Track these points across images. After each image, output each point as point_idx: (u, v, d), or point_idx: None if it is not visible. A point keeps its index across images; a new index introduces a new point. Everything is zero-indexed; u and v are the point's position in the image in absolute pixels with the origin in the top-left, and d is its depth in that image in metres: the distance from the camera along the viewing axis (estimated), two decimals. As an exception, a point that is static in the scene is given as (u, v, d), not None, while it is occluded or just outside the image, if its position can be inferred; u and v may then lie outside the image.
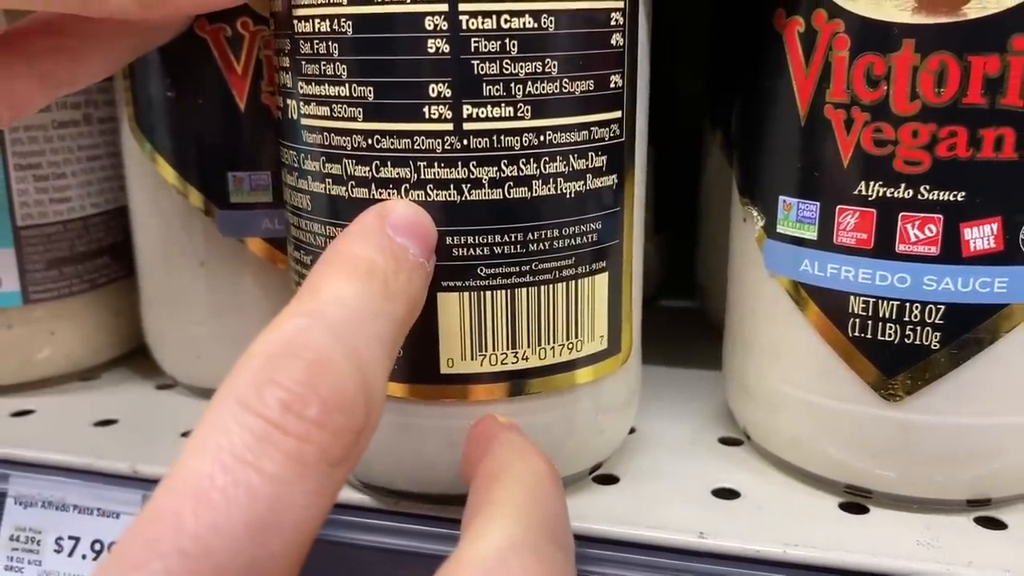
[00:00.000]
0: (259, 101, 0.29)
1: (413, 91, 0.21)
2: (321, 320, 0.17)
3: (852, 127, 0.23)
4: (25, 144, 0.31)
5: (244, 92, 0.29)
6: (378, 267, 0.19)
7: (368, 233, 0.20)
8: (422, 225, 0.21)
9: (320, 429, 0.16)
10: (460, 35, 0.21)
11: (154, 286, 0.32)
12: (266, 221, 0.30)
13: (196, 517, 0.14)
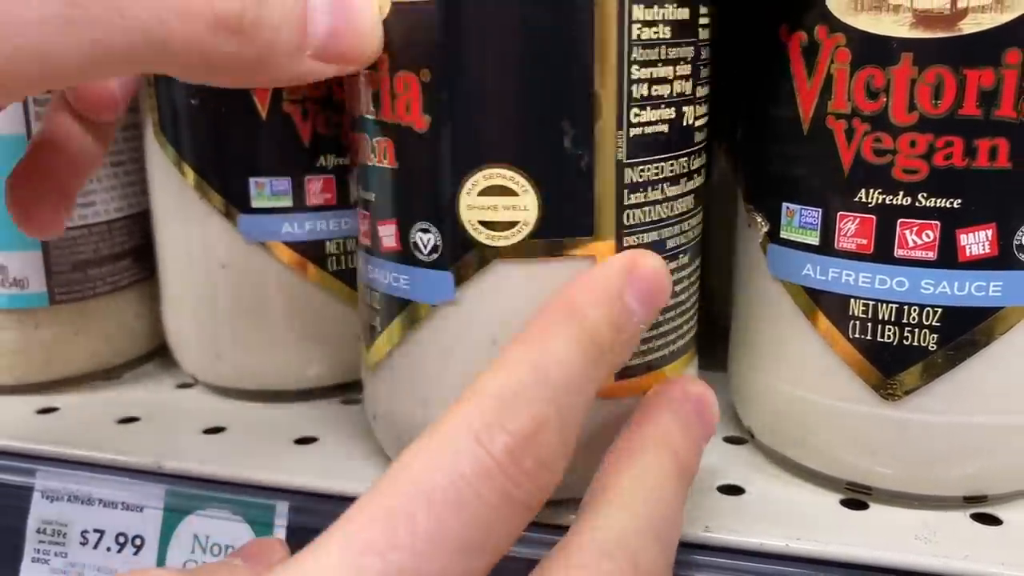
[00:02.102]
0: (280, 109, 0.30)
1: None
2: (545, 380, 0.19)
3: (853, 137, 0.23)
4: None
5: (266, 100, 0.30)
6: (601, 336, 0.20)
7: (606, 295, 0.21)
8: (659, 290, 0.22)
9: (529, 479, 0.18)
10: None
11: (176, 288, 0.34)
12: (286, 225, 0.31)
13: (428, 518, 0.17)
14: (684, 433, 0.22)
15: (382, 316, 0.25)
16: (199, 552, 0.29)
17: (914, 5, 0.22)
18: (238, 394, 0.34)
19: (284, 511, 0.29)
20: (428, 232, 0.23)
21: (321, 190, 0.31)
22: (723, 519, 0.25)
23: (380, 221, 0.24)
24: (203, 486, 0.30)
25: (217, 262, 0.32)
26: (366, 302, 0.26)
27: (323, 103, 0.31)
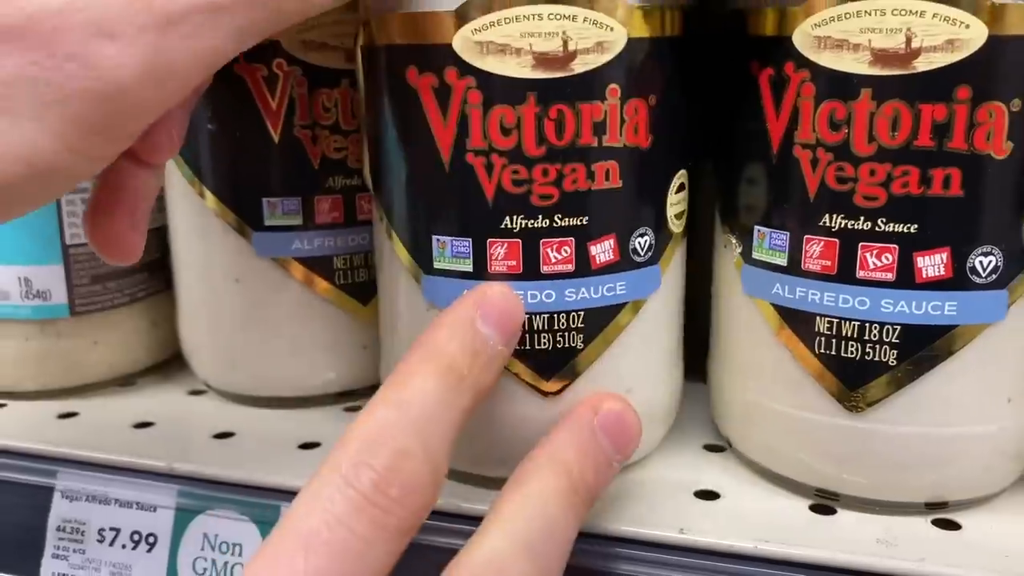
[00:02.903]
0: (292, 134, 0.32)
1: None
2: (406, 414, 0.22)
3: (817, 165, 0.25)
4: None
5: (278, 126, 0.32)
6: (457, 364, 0.23)
7: (456, 328, 0.24)
8: (511, 315, 0.25)
9: (399, 505, 0.21)
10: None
11: (192, 300, 0.36)
12: (297, 242, 0.33)
13: (306, 562, 0.20)
14: (579, 450, 0.24)
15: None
16: (208, 550, 0.31)
17: (872, 44, 0.24)
18: (248, 400, 0.36)
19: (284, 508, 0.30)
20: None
21: (329, 209, 0.33)
22: (697, 522, 0.27)
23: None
24: (212, 487, 0.31)
25: (232, 276, 0.34)
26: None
27: (332, 128, 0.33)
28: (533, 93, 0.25)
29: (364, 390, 0.37)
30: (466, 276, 0.27)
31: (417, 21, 0.26)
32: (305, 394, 0.36)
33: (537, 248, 0.26)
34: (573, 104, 0.25)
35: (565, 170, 0.26)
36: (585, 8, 0.25)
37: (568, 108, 0.25)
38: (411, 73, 0.26)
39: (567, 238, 0.26)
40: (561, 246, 0.26)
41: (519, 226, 0.26)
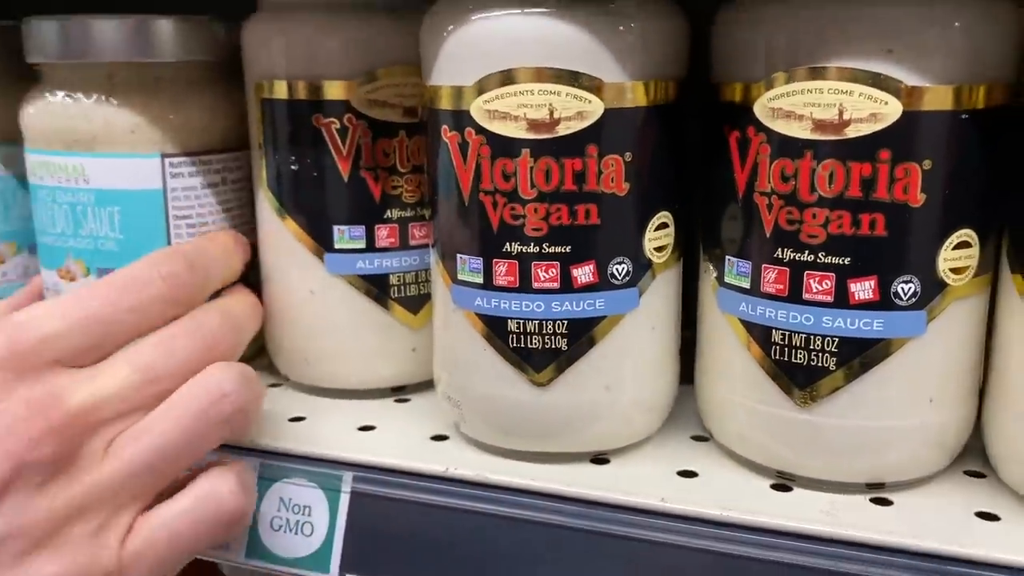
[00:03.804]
0: (358, 174, 0.40)
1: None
2: None
3: (772, 209, 0.32)
4: (181, 201, 0.42)
5: (347, 168, 0.40)
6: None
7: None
8: None
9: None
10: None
11: (275, 307, 0.43)
12: (360, 262, 0.41)
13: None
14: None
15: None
16: (284, 511, 0.38)
17: (813, 116, 0.30)
18: (317, 391, 0.44)
19: (349, 480, 0.38)
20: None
21: (387, 235, 0.41)
22: (677, 493, 0.33)
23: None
24: (288, 460, 0.39)
25: (307, 289, 0.42)
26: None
27: (390, 170, 0.40)
28: (527, 149, 0.32)
29: (412, 385, 0.44)
30: (478, 287, 0.34)
31: (450, 92, 0.33)
32: (364, 387, 0.43)
33: (530, 268, 0.33)
34: (558, 158, 0.32)
35: (551, 209, 0.33)
36: (567, 86, 0.32)
37: (553, 161, 0.32)
38: (444, 130, 0.34)
39: (554, 262, 0.33)
40: (549, 267, 0.33)
41: (516, 250, 0.33)
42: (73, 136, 0.40)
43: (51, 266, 0.43)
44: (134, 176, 0.41)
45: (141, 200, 0.41)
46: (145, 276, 0.35)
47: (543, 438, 0.36)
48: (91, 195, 0.41)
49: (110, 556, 0.31)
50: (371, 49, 0.39)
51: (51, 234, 0.42)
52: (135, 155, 0.40)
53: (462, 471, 0.36)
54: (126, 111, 0.40)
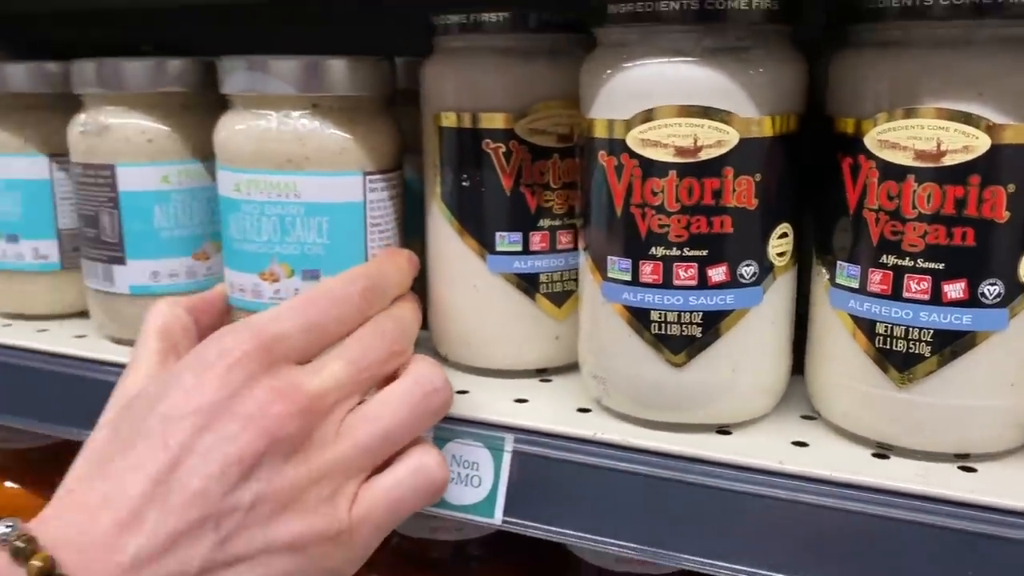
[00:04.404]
0: (518, 190, 0.48)
1: None
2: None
3: (879, 223, 0.38)
4: (376, 211, 0.50)
5: (510, 184, 0.48)
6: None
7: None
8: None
9: None
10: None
11: (442, 300, 0.52)
12: (517, 263, 0.49)
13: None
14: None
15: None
16: (455, 466, 0.46)
17: (915, 147, 0.37)
18: (475, 371, 0.52)
19: (511, 441, 0.45)
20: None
21: (540, 241, 0.49)
22: (792, 458, 0.40)
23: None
24: (458, 424, 0.47)
25: (471, 284, 0.50)
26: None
27: (544, 187, 0.48)
28: (673, 171, 0.40)
29: (553, 368, 0.52)
30: (626, 283, 0.42)
31: (607, 124, 0.41)
32: (513, 368, 0.51)
33: (672, 268, 0.40)
34: (699, 179, 0.39)
35: (692, 220, 0.40)
36: (708, 120, 0.39)
37: (695, 181, 0.39)
38: (601, 154, 0.41)
39: (692, 263, 0.40)
40: (688, 268, 0.40)
41: (660, 254, 0.41)
42: (286, 157, 0.49)
43: (251, 270, 0.51)
44: (341, 191, 0.49)
45: (346, 211, 0.49)
46: (347, 293, 0.42)
47: (677, 411, 0.43)
48: (301, 208, 0.49)
49: (341, 519, 0.39)
50: (532, 87, 0.47)
51: (255, 242, 0.51)
52: (342, 173, 0.49)
53: (608, 436, 0.43)
54: (334, 136, 0.49)
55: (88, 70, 0.55)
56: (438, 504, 0.46)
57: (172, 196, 0.55)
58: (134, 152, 0.54)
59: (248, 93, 0.50)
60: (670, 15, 0.39)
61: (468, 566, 0.55)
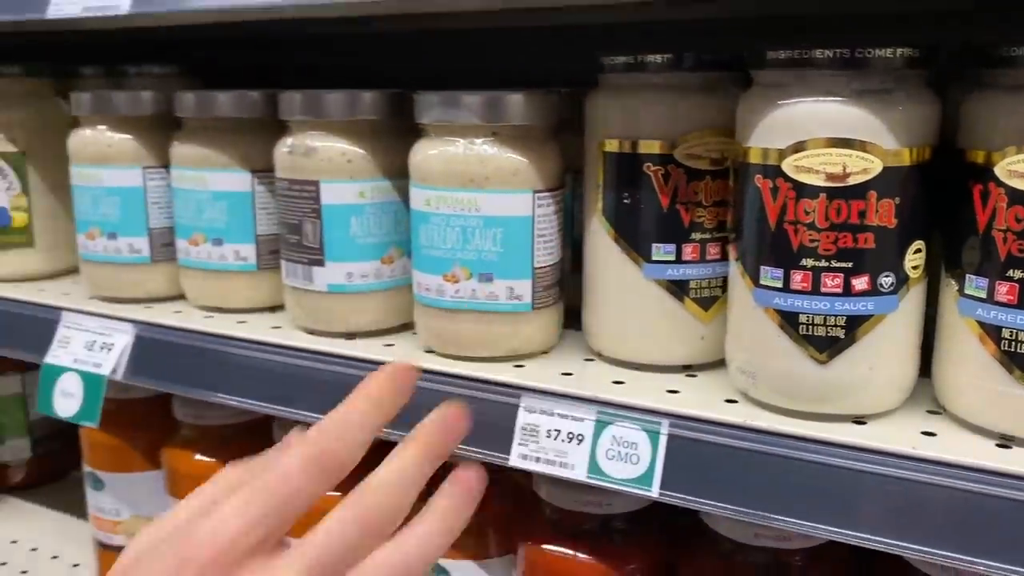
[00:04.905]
0: (674, 207, 0.55)
1: None
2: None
3: (1007, 241, 0.44)
4: (542, 225, 0.58)
5: (667, 202, 0.55)
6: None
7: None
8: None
9: None
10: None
11: (598, 301, 0.59)
12: (670, 271, 0.56)
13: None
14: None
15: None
16: (615, 446, 0.54)
17: (1042, 176, 0.43)
18: (625, 364, 0.59)
19: (666, 425, 0.52)
20: None
21: (691, 252, 0.56)
22: (923, 444, 0.46)
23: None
24: (620, 409, 0.54)
25: (628, 289, 0.57)
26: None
27: (696, 204, 0.55)
28: (823, 194, 0.46)
29: (698, 365, 0.59)
30: (777, 290, 0.48)
31: (762, 152, 0.48)
32: (662, 364, 0.58)
33: (819, 278, 0.47)
34: (847, 200, 0.46)
35: (839, 236, 0.46)
36: (856, 150, 0.45)
37: (843, 202, 0.46)
38: (758, 178, 0.48)
39: (838, 274, 0.47)
40: (835, 277, 0.47)
41: (810, 265, 0.47)
42: (469, 177, 0.57)
43: (436, 272, 0.60)
44: (514, 206, 0.57)
45: (518, 224, 0.58)
46: (286, 471, 0.40)
47: (819, 402, 0.49)
48: (480, 220, 0.58)
49: None
50: (688, 118, 0.54)
51: (441, 248, 0.59)
52: (515, 191, 0.57)
53: (756, 423, 0.50)
54: (511, 158, 0.57)
55: (295, 100, 0.65)
56: (600, 475, 0.53)
57: (366, 209, 0.64)
58: (336, 171, 0.63)
59: (440, 123, 0.58)
60: (824, 61, 0.46)
61: (612, 538, 0.62)
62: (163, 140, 0.74)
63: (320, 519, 0.40)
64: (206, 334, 0.70)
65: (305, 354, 0.65)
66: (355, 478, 0.43)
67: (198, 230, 0.72)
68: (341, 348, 0.64)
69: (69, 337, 0.76)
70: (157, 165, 0.74)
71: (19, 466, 1.12)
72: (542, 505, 0.64)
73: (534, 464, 0.56)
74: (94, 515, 0.86)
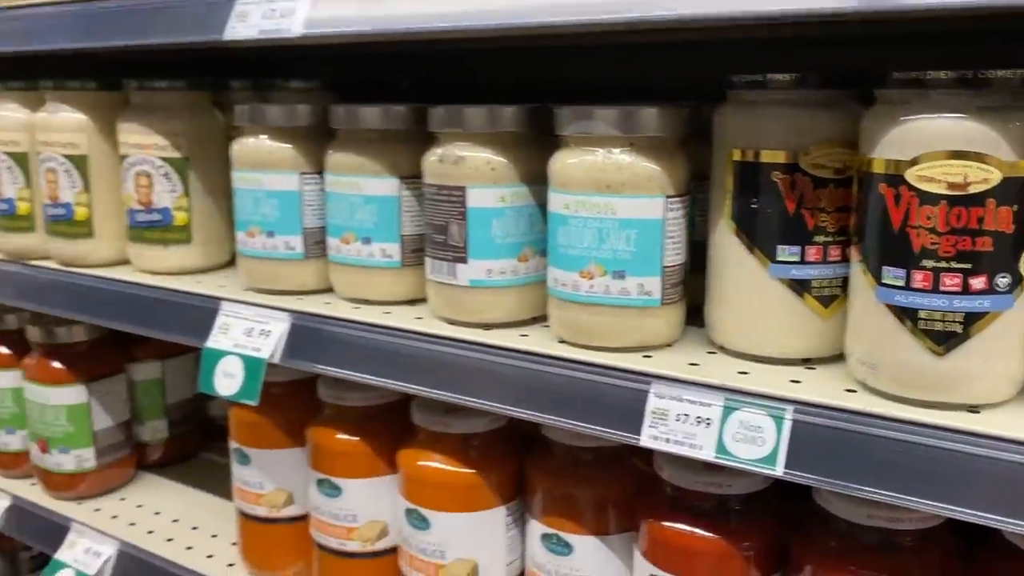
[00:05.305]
0: (799, 212, 0.60)
1: None
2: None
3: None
4: (671, 227, 0.64)
5: (793, 208, 0.60)
6: None
7: None
8: None
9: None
10: None
11: (723, 298, 0.64)
12: (793, 271, 0.61)
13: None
14: None
15: None
16: (742, 429, 0.59)
17: None
18: (749, 357, 0.64)
19: (790, 411, 0.57)
20: None
21: (814, 253, 0.61)
22: None
23: None
24: (745, 396, 0.59)
25: (753, 287, 0.62)
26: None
27: (820, 210, 0.60)
28: (944, 200, 0.51)
29: (817, 359, 0.64)
30: (899, 288, 0.53)
31: (886, 163, 0.53)
32: (783, 357, 0.63)
33: (939, 277, 0.52)
34: (967, 207, 0.50)
35: (959, 240, 0.51)
36: (976, 162, 0.50)
37: (963, 209, 0.50)
38: (882, 186, 0.53)
39: (957, 274, 0.51)
40: (954, 277, 0.51)
41: (930, 265, 0.52)
42: (606, 183, 0.64)
43: (573, 269, 0.66)
44: (647, 210, 0.63)
45: (650, 226, 0.64)
46: None
47: (936, 392, 0.54)
48: (615, 223, 0.64)
49: None
50: (812, 131, 0.60)
51: (578, 248, 0.66)
52: (648, 196, 0.63)
53: (876, 409, 0.55)
54: (645, 166, 0.63)
55: (443, 114, 0.72)
56: (729, 457, 0.59)
57: (506, 212, 0.71)
58: (481, 177, 0.70)
59: (580, 135, 0.65)
60: (946, 82, 0.51)
61: (730, 517, 0.67)
62: (316, 148, 0.82)
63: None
64: (356, 323, 0.77)
65: (447, 341, 0.72)
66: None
67: (349, 230, 0.80)
68: (480, 336, 0.71)
69: (228, 324, 0.85)
70: (312, 171, 0.82)
71: (156, 445, 1.23)
72: (663, 485, 0.70)
73: (663, 445, 0.62)
74: (238, 487, 0.95)
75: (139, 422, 1.20)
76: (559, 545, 0.75)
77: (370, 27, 0.71)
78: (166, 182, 0.92)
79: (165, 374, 1.21)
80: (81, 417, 1.11)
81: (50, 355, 1.10)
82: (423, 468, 0.79)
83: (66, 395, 1.09)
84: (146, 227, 0.94)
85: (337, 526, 0.86)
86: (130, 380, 1.17)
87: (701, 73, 0.75)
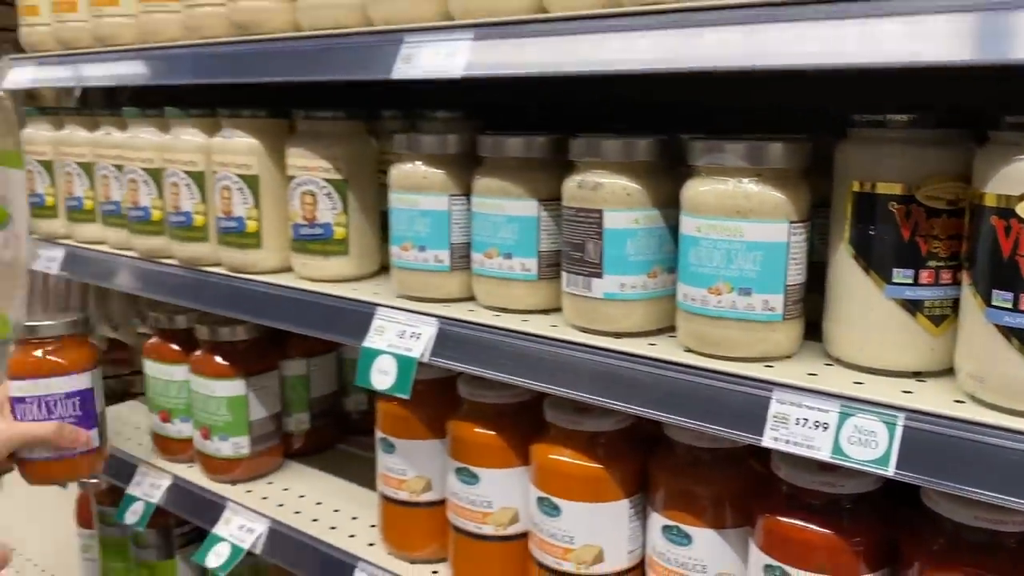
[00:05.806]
0: (914, 239, 0.66)
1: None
2: None
3: None
4: (795, 249, 0.71)
5: (908, 234, 0.66)
6: None
7: None
8: None
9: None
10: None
11: (841, 316, 0.71)
12: (907, 292, 0.67)
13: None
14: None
15: None
16: (856, 433, 0.65)
17: None
18: (866, 370, 0.71)
19: (902, 418, 0.64)
20: None
21: (926, 276, 0.67)
22: None
23: None
24: (860, 403, 0.66)
25: (869, 306, 0.69)
26: None
27: (933, 237, 0.66)
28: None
29: (927, 373, 0.69)
30: (1007, 310, 0.59)
31: (997, 197, 0.59)
32: (895, 369, 0.69)
33: (1045, 303, 0.57)
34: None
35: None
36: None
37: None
38: (993, 218, 0.59)
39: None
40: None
41: None
42: (736, 209, 0.71)
43: (702, 286, 0.74)
44: (772, 234, 0.71)
45: (775, 249, 0.71)
46: None
47: (1041, 403, 0.59)
48: (743, 245, 0.71)
49: None
50: (926, 166, 0.66)
51: (707, 267, 0.73)
52: (775, 221, 0.70)
53: (984, 418, 0.60)
54: (771, 194, 0.70)
55: (583, 144, 0.81)
56: (844, 457, 0.65)
57: (638, 232, 0.79)
58: (617, 201, 0.79)
59: (712, 165, 0.73)
60: (1056, 126, 0.57)
61: (842, 515, 0.73)
62: (464, 173, 0.92)
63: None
64: (497, 328, 0.87)
65: (582, 347, 0.81)
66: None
67: (492, 246, 0.89)
68: (613, 344, 0.80)
69: (383, 327, 0.95)
70: (459, 193, 0.93)
71: (300, 436, 1.35)
72: (780, 483, 0.76)
73: (784, 445, 0.69)
74: (383, 473, 1.06)
75: (286, 414, 1.33)
76: (680, 536, 0.83)
77: (523, 70, 0.80)
78: (328, 200, 1.04)
79: (310, 371, 1.34)
80: (240, 408, 1.24)
81: (215, 351, 1.24)
82: (555, 461, 0.87)
83: (228, 388, 1.23)
84: (309, 240, 1.06)
85: (473, 511, 0.95)
86: (281, 376, 1.30)
87: (824, 100, 0.82)
